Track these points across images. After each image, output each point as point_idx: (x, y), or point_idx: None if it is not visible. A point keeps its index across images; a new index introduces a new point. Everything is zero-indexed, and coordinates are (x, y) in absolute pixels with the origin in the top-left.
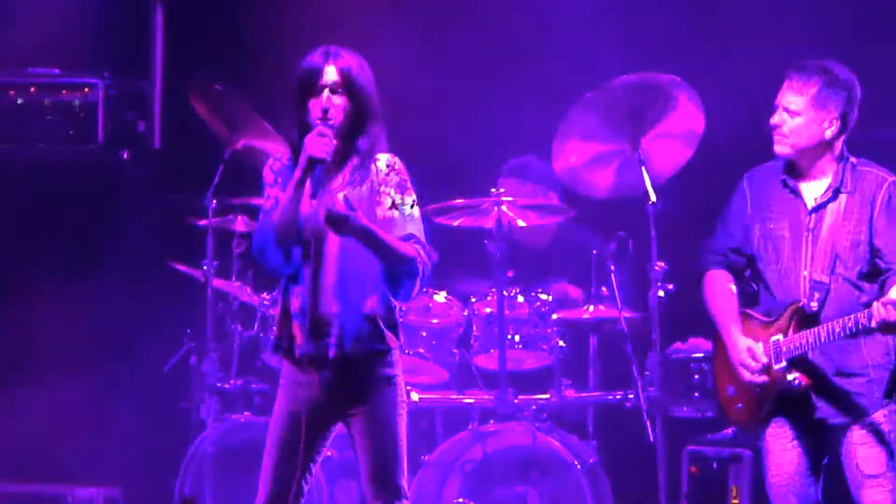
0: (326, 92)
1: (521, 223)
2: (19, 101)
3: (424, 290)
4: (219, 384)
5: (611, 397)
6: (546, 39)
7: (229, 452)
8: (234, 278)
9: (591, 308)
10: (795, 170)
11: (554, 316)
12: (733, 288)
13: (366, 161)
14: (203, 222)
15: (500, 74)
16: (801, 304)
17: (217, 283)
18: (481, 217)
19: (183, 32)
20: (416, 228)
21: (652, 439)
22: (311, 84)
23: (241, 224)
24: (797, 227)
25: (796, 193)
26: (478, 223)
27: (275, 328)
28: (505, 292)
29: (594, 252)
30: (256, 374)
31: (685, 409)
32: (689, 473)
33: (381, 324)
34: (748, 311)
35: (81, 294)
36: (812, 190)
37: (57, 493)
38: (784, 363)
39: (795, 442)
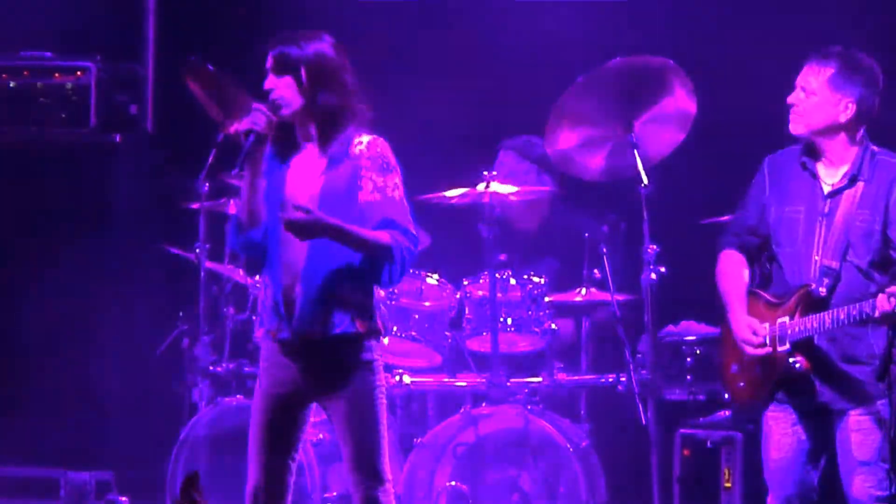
0: (268, 74)
1: (511, 196)
2: (12, 85)
3: (412, 271)
4: (211, 367)
5: (603, 380)
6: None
7: (222, 436)
8: (226, 261)
9: (584, 291)
10: (814, 152)
11: (546, 299)
12: (742, 268)
13: (336, 140)
14: (196, 205)
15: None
16: (810, 288)
17: (210, 265)
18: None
19: (175, 15)
20: (398, 211)
21: (644, 422)
22: (264, 68)
23: (233, 207)
24: (812, 211)
25: (815, 177)
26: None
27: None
28: (497, 275)
29: (586, 235)
30: (249, 356)
31: (677, 391)
32: (682, 456)
33: (351, 308)
34: (757, 290)
35: (74, 276)
36: (830, 176)
37: (49, 476)
38: (788, 346)
39: (796, 427)
